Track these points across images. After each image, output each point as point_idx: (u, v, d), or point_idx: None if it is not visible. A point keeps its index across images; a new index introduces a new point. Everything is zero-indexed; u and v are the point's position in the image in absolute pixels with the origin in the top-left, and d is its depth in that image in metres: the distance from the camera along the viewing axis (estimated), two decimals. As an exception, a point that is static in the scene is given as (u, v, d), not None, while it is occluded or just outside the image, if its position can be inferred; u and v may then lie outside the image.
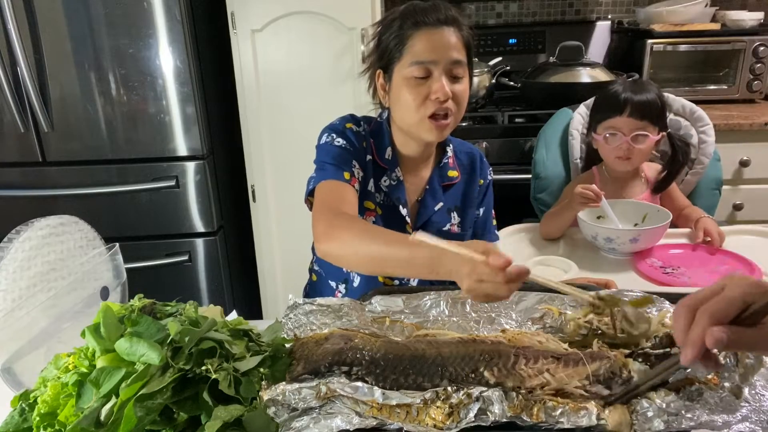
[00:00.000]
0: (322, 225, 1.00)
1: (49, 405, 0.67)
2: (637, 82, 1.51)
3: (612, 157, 1.49)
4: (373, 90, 1.20)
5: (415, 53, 1.07)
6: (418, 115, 1.09)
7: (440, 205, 1.24)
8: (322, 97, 1.97)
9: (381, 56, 1.14)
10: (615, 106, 1.45)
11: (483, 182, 1.30)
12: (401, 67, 1.09)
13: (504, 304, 0.87)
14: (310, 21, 1.90)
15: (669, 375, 0.66)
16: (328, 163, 1.13)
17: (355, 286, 1.25)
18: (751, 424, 0.62)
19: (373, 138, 1.21)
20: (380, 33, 1.14)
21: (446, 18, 1.08)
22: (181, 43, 1.80)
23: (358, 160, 1.15)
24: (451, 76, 1.09)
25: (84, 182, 1.92)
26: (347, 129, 1.17)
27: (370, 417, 0.64)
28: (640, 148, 1.44)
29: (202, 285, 2.08)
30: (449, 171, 1.25)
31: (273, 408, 0.65)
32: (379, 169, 1.20)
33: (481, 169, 1.30)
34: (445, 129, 1.12)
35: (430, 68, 1.07)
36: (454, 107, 1.10)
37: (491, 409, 0.63)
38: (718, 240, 1.34)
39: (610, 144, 1.46)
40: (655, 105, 1.44)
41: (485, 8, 2.64)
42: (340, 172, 1.11)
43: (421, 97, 1.08)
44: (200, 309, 0.81)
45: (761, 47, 2.19)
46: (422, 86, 1.08)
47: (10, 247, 0.89)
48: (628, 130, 1.43)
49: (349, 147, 1.15)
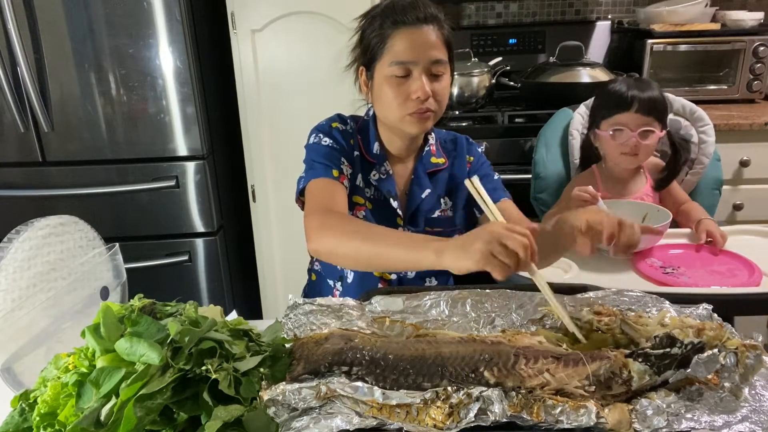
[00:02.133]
0: (313, 224, 1.02)
1: (49, 405, 0.67)
2: (640, 80, 1.51)
3: (617, 154, 1.49)
4: (359, 85, 1.21)
5: (395, 53, 1.08)
6: (399, 112, 1.11)
7: (427, 192, 1.24)
8: (322, 97, 1.96)
9: (363, 53, 1.15)
10: (621, 102, 1.45)
11: (473, 158, 1.29)
12: (382, 66, 1.11)
13: (504, 304, 0.87)
14: (309, 21, 1.90)
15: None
16: (317, 161, 1.15)
17: (350, 282, 1.26)
18: (751, 424, 0.62)
19: (360, 134, 1.23)
20: (363, 28, 1.15)
21: (425, 16, 1.08)
22: (181, 43, 1.80)
23: (346, 157, 1.17)
24: (431, 74, 1.10)
25: (84, 182, 1.92)
26: (333, 129, 1.20)
27: (370, 417, 0.64)
28: (647, 144, 1.45)
29: (202, 285, 2.08)
30: (432, 158, 1.25)
31: (273, 408, 0.65)
32: (368, 164, 1.22)
33: (469, 148, 1.29)
34: (426, 121, 1.13)
35: (410, 68, 1.09)
36: (434, 105, 1.11)
37: (491, 409, 0.63)
38: (721, 242, 1.34)
39: (617, 140, 1.46)
40: (661, 102, 1.45)
41: (485, 8, 2.64)
42: (330, 170, 1.12)
43: (401, 96, 1.10)
44: (200, 309, 0.81)
45: (761, 47, 2.19)
46: (402, 85, 1.09)
47: (10, 247, 0.89)
48: (635, 125, 1.44)
49: (336, 146, 1.17)
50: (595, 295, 0.88)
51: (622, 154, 1.48)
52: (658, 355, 0.69)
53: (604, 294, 0.87)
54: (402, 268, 1.06)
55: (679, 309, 0.82)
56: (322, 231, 1.00)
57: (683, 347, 0.68)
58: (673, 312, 0.81)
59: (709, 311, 0.81)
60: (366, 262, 1.00)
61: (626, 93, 1.44)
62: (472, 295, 0.89)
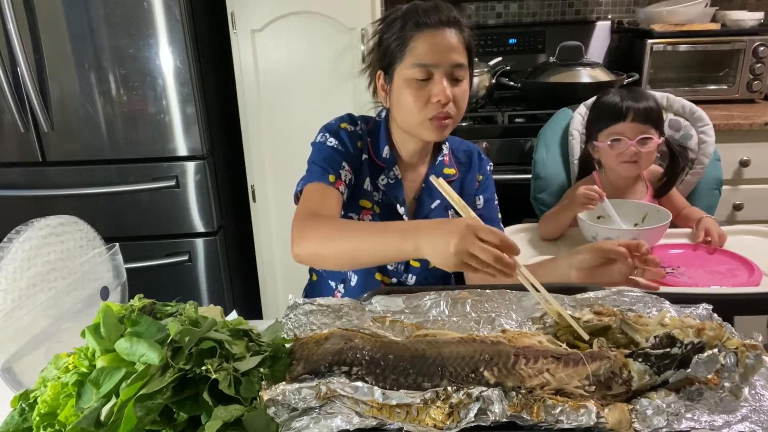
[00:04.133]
0: (296, 230, 1.02)
1: (49, 405, 0.67)
2: (633, 90, 1.53)
3: (617, 163, 1.49)
4: (374, 88, 1.20)
5: (417, 55, 1.07)
6: (419, 116, 1.10)
7: (437, 203, 1.23)
8: (322, 97, 1.97)
9: (382, 56, 1.14)
10: (617, 113, 1.46)
11: (482, 177, 1.29)
12: (402, 69, 1.09)
13: (504, 304, 0.87)
14: (310, 21, 1.90)
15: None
16: (317, 164, 1.14)
17: (353, 285, 1.25)
18: (751, 424, 0.62)
19: (370, 137, 1.21)
20: (381, 32, 1.14)
21: (448, 19, 1.08)
22: (181, 43, 1.80)
23: (349, 161, 1.16)
24: (452, 78, 1.09)
25: (84, 182, 1.92)
26: (341, 129, 1.19)
27: (370, 417, 0.64)
28: (647, 151, 1.45)
29: (202, 285, 2.08)
30: (445, 168, 1.25)
31: (273, 408, 0.65)
32: (376, 167, 1.21)
33: (480, 165, 1.29)
34: (445, 129, 1.12)
35: (432, 71, 1.07)
36: (454, 110, 1.10)
37: (491, 409, 0.63)
38: (718, 241, 1.35)
39: (615, 150, 1.47)
40: (656, 111, 1.46)
41: (485, 8, 2.64)
42: (326, 175, 1.12)
43: (422, 100, 1.08)
44: (200, 309, 0.80)
45: (761, 47, 2.19)
46: (423, 89, 1.08)
47: (10, 247, 0.89)
48: (632, 134, 1.44)
49: (341, 148, 1.16)
50: (595, 295, 0.87)
51: (622, 163, 1.48)
52: (658, 355, 0.69)
53: (604, 294, 0.87)
54: (381, 262, 1.04)
55: (679, 309, 0.81)
56: (302, 235, 1.00)
57: (683, 347, 0.68)
58: (673, 312, 0.81)
59: (709, 311, 0.81)
60: (348, 261, 1.00)
61: (620, 104, 1.45)
62: (472, 295, 0.88)
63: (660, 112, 1.48)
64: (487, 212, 1.28)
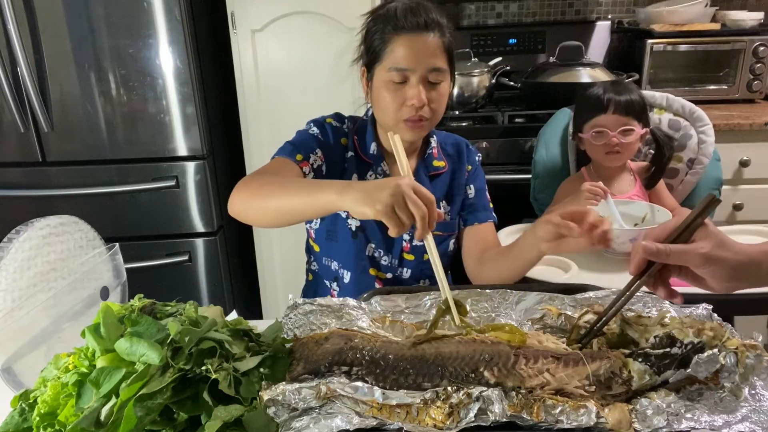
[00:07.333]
0: (233, 190, 1.05)
1: (49, 405, 0.67)
2: (617, 83, 1.56)
3: (602, 154, 1.52)
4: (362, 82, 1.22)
5: (394, 59, 1.09)
6: (394, 117, 1.12)
7: None
8: (322, 96, 1.96)
9: (366, 53, 1.16)
10: (598, 105, 1.49)
11: (471, 167, 1.30)
12: (381, 70, 1.11)
13: (504, 304, 0.88)
14: (310, 21, 1.90)
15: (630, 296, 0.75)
16: (290, 143, 1.17)
17: (347, 282, 1.26)
18: (751, 424, 0.62)
19: (357, 135, 1.23)
20: (368, 26, 1.15)
21: (426, 22, 1.08)
22: (181, 43, 1.80)
23: (325, 150, 1.18)
24: (429, 82, 1.10)
25: (84, 182, 1.92)
26: (326, 123, 1.22)
27: (370, 417, 0.64)
28: (629, 142, 1.48)
29: (202, 285, 2.08)
30: (434, 161, 1.26)
31: (273, 408, 0.65)
32: (364, 164, 1.22)
33: (468, 156, 1.31)
34: (421, 130, 1.14)
35: (408, 75, 1.09)
36: (428, 113, 1.11)
37: (491, 409, 0.63)
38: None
39: (598, 141, 1.50)
40: (638, 103, 1.49)
41: (485, 8, 2.64)
42: (294, 153, 1.14)
43: (397, 102, 1.10)
44: (200, 309, 0.81)
45: (761, 47, 2.19)
46: (399, 91, 1.10)
47: (10, 247, 0.89)
48: (613, 126, 1.47)
49: (320, 136, 1.19)
50: (595, 295, 0.88)
51: (606, 154, 1.51)
52: (658, 355, 0.69)
53: (604, 294, 0.88)
54: (307, 215, 1.01)
55: (679, 309, 0.82)
56: (235, 194, 1.04)
57: (683, 347, 0.68)
58: (673, 312, 0.81)
59: (709, 311, 0.81)
60: (273, 217, 1.00)
61: (602, 96, 1.49)
62: (472, 295, 0.89)
63: (643, 104, 1.50)
64: (479, 201, 1.29)
